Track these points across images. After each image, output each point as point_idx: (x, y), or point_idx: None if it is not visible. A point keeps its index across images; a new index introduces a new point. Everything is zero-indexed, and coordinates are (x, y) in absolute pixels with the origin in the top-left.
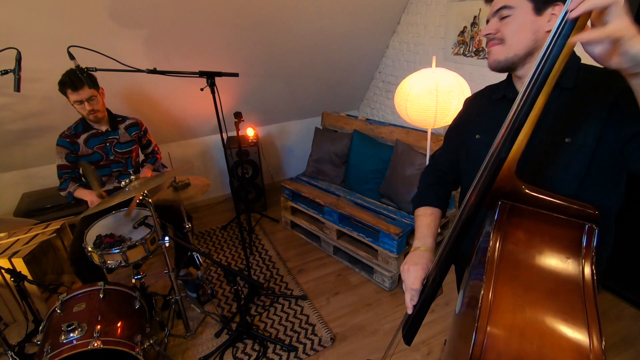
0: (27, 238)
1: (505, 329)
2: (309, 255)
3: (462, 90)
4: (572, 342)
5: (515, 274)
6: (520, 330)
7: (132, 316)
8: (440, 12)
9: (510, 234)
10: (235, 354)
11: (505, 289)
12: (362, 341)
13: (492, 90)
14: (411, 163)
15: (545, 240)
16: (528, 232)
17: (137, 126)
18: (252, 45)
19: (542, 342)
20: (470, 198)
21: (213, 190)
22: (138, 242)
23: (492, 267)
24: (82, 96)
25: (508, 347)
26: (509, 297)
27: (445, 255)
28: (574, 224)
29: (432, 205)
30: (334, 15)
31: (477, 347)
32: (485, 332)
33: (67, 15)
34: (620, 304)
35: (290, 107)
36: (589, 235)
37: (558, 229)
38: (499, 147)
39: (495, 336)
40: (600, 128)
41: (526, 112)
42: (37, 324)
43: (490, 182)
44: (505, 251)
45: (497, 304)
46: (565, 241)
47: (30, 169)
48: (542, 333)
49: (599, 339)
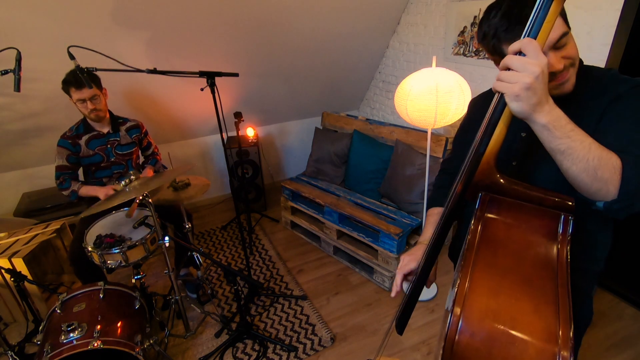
0: (27, 238)
1: (479, 312)
2: (309, 255)
3: (462, 90)
4: (542, 324)
5: (492, 262)
6: (494, 313)
7: (132, 316)
8: (440, 12)
9: (489, 223)
10: (235, 354)
11: (482, 275)
12: (362, 341)
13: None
14: (411, 163)
15: (522, 229)
16: (506, 222)
17: (138, 128)
18: (252, 45)
19: (514, 324)
20: (455, 190)
21: (213, 190)
22: (138, 242)
23: (471, 255)
24: (85, 95)
25: (481, 328)
26: (485, 283)
27: (431, 246)
28: (550, 214)
29: (441, 205)
30: (334, 15)
31: (453, 327)
32: (460, 315)
33: (67, 15)
34: (620, 304)
35: (290, 107)
36: (565, 224)
37: (535, 219)
38: (478, 142)
39: (469, 318)
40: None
41: (501, 108)
42: (37, 324)
43: (471, 175)
44: (484, 240)
45: (473, 289)
46: (542, 230)
47: (30, 169)
48: (514, 316)
49: (567, 322)
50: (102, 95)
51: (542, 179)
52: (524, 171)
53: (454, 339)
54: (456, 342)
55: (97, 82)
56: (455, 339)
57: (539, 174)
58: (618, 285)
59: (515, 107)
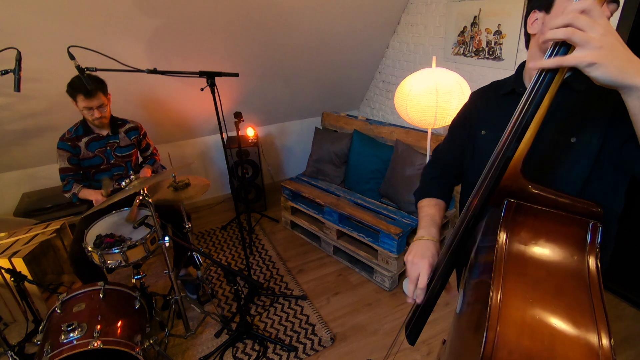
0: (27, 238)
1: (515, 327)
2: (309, 255)
3: (462, 90)
4: (581, 339)
5: (523, 272)
6: (531, 327)
7: (132, 316)
8: (440, 12)
9: (516, 232)
10: (235, 354)
11: (513, 286)
12: (362, 341)
13: (499, 85)
14: (411, 163)
15: (551, 238)
16: (534, 230)
17: (137, 130)
18: (252, 45)
19: (553, 340)
20: (477, 196)
21: (213, 190)
22: (138, 242)
23: (501, 266)
24: (93, 104)
25: (519, 345)
26: (518, 295)
27: (450, 254)
28: (578, 221)
29: (436, 197)
30: (334, 15)
31: (489, 345)
32: (496, 331)
33: (67, 15)
34: (621, 304)
35: (290, 107)
36: (593, 232)
37: (563, 227)
38: (505, 145)
39: (506, 334)
40: (606, 128)
41: (533, 111)
42: (37, 324)
43: (497, 180)
44: (513, 249)
45: (507, 302)
46: (571, 238)
47: (30, 169)
48: (552, 331)
49: (607, 335)
50: (108, 102)
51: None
52: (546, 176)
53: (490, 357)
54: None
55: (105, 90)
56: (492, 356)
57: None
58: (618, 285)
59: (614, 67)
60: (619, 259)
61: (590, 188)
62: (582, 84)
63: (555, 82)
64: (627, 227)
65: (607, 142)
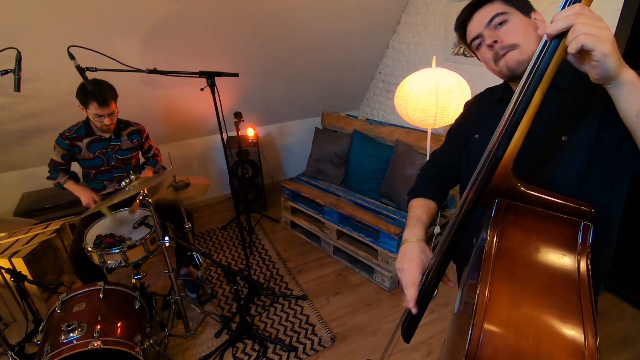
0: (27, 238)
1: (501, 325)
2: (309, 255)
3: (462, 90)
4: (567, 338)
5: (511, 271)
6: (517, 326)
7: (132, 316)
8: (440, 12)
9: (507, 231)
10: (235, 354)
11: (501, 285)
12: (362, 341)
13: (491, 92)
14: (411, 163)
15: (541, 237)
16: (524, 230)
17: (139, 133)
18: (252, 45)
19: (538, 338)
20: (468, 196)
21: (213, 190)
22: (138, 242)
23: (489, 264)
24: (105, 112)
25: (504, 343)
26: (506, 294)
27: (443, 253)
28: (569, 221)
29: (427, 197)
30: (334, 15)
31: (474, 343)
32: (482, 328)
33: (67, 15)
34: (621, 304)
35: (290, 107)
36: (585, 232)
37: (554, 227)
38: (496, 146)
39: (491, 332)
40: (597, 126)
41: (522, 111)
42: (37, 324)
43: (487, 180)
44: (502, 248)
45: (494, 301)
46: (561, 238)
47: (30, 169)
48: (538, 329)
49: (593, 335)
50: (116, 109)
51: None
52: (541, 176)
53: (475, 355)
54: (477, 358)
55: (116, 97)
56: (477, 354)
57: (556, 180)
58: (618, 285)
59: (610, 63)
60: (619, 259)
61: (587, 186)
62: (565, 81)
63: (546, 78)
64: (627, 227)
65: (601, 141)
